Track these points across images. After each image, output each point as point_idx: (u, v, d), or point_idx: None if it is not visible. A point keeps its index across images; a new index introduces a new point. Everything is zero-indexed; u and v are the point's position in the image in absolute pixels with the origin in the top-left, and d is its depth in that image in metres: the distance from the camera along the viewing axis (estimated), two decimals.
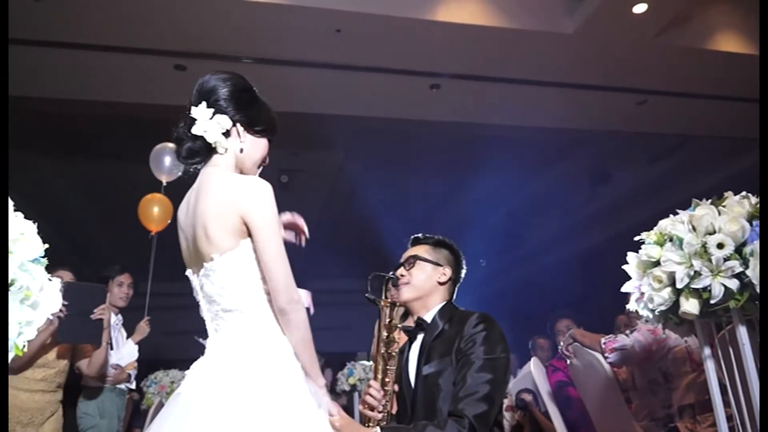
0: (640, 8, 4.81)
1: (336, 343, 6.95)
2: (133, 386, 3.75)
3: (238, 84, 1.64)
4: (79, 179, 7.17)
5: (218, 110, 1.58)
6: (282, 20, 4.69)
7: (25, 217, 1.29)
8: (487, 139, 6.55)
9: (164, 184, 4.81)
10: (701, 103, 6.15)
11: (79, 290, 3.06)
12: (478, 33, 4.93)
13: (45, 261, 1.34)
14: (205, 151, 1.61)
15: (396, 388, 1.96)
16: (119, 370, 3.49)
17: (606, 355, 2.83)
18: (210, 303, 1.57)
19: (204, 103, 1.58)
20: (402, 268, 2.10)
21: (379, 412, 1.89)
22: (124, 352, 3.55)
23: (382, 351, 1.94)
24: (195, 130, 1.57)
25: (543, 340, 4.56)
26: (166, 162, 4.79)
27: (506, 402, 5.35)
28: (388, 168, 7.06)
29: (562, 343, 3.24)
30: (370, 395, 1.89)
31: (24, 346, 1.30)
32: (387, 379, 1.93)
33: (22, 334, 1.30)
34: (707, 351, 1.94)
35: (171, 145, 4.77)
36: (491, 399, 1.74)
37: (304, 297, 1.61)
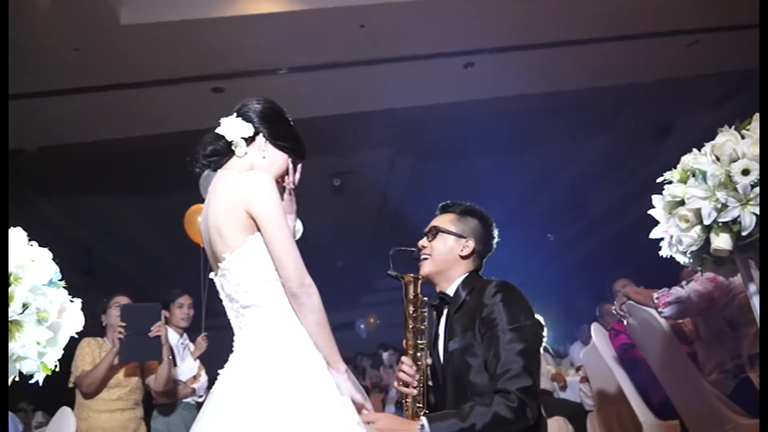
0: None
1: None
2: (201, 400, 3.87)
3: (268, 103, 1.76)
4: (142, 213, 7.51)
5: (244, 119, 1.71)
6: (306, 25, 4.73)
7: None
8: (534, 110, 6.35)
9: None
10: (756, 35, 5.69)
11: (134, 311, 3.25)
12: (504, 4, 4.79)
13: (62, 284, 1.41)
14: (225, 150, 1.69)
15: (429, 361, 1.93)
16: (181, 384, 3.62)
17: (660, 309, 2.66)
18: (231, 301, 1.62)
19: (234, 114, 1.72)
20: (424, 238, 2.05)
21: (414, 388, 1.87)
22: (184, 367, 3.67)
23: (411, 326, 1.92)
24: (218, 129, 1.68)
25: (609, 305, 4.35)
26: None
27: (581, 373, 5.18)
28: (438, 156, 6.98)
29: (615, 303, 3.09)
30: (403, 371, 1.88)
31: (56, 366, 1.38)
32: (419, 354, 1.91)
33: (46, 354, 1.37)
34: (752, 288, 1.78)
35: None
36: (529, 370, 1.69)
37: None
